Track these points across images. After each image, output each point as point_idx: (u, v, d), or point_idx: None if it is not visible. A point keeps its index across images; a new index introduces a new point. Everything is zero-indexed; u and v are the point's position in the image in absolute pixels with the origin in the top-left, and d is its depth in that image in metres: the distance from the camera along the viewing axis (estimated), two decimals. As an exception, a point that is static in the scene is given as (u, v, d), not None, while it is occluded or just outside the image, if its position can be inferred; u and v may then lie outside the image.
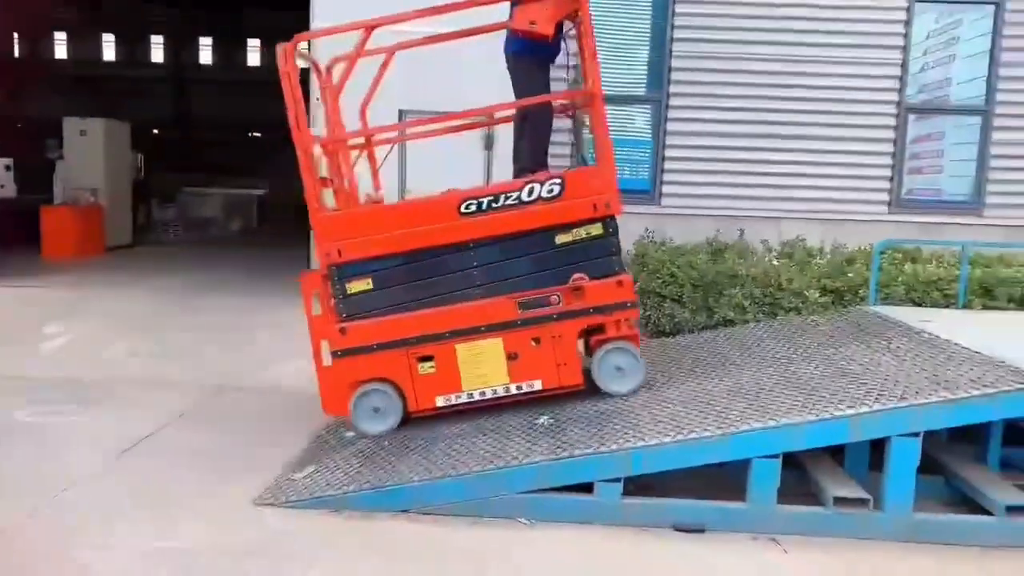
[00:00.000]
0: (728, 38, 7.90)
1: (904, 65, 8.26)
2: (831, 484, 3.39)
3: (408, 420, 4.06)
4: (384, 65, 4.43)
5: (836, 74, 8.08)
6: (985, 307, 5.25)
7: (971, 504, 3.52)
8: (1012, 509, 3.27)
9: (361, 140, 4.95)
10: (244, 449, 4.15)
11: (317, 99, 6.95)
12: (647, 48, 8.20)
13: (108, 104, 20.25)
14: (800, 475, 3.59)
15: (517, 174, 4.44)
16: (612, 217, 3.95)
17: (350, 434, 4.24)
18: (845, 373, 3.74)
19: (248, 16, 28.34)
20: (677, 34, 8.05)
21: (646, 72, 8.36)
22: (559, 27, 4.24)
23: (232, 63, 30.80)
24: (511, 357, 3.94)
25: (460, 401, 4.02)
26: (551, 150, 4.80)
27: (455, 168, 7.95)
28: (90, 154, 12.24)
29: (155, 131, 27.27)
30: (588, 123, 4.52)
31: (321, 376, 4.15)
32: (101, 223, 12.11)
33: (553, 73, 4.81)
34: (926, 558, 3.17)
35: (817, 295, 5.44)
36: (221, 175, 20.38)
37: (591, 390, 4.04)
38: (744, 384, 3.86)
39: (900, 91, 8.32)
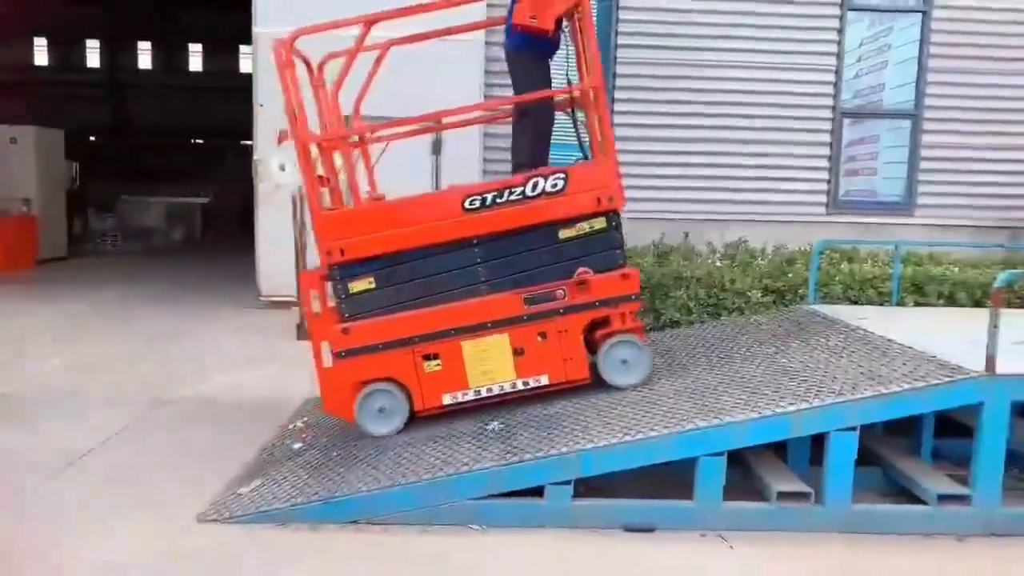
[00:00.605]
0: (671, 44, 8.07)
1: (838, 71, 8.56)
2: (774, 480, 3.47)
3: (414, 419, 4.01)
4: (378, 61, 4.35)
5: (775, 80, 8.33)
6: (917, 304, 5.46)
7: (907, 494, 3.64)
8: (943, 497, 3.40)
9: (357, 138, 4.84)
10: (187, 464, 4.04)
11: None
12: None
13: (41, 111, 19.53)
14: (746, 472, 3.67)
15: (515, 170, 4.41)
16: (615, 211, 3.97)
17: (297, 446, 4.18)
18: (786, 371, 3.84)
19: (189, 19, 27.70)
20: (621, 40, 8.18)
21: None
22: (559, 22, 4.23)
23: (173, 67, 30.06)
24: (517, 353, 3.94)
25: (467, 399, 3.99)
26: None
27: (402, 174, 7.91)
28: (21, 163, 11.81)
29: (92, 138, 26.41)
30: (584, 118, 4.49)
31: (322, 378, 4.08)
32: (33, 234, 11.69)
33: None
34: (864, 548, 3.27)
35: (759, 295, 5.58)
36: (162, 183, 19.83)
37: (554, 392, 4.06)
38: (690, 384, 3.93)
39: (835, 96, 8.61)
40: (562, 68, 4.66)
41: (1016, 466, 4.08)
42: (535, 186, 3.91)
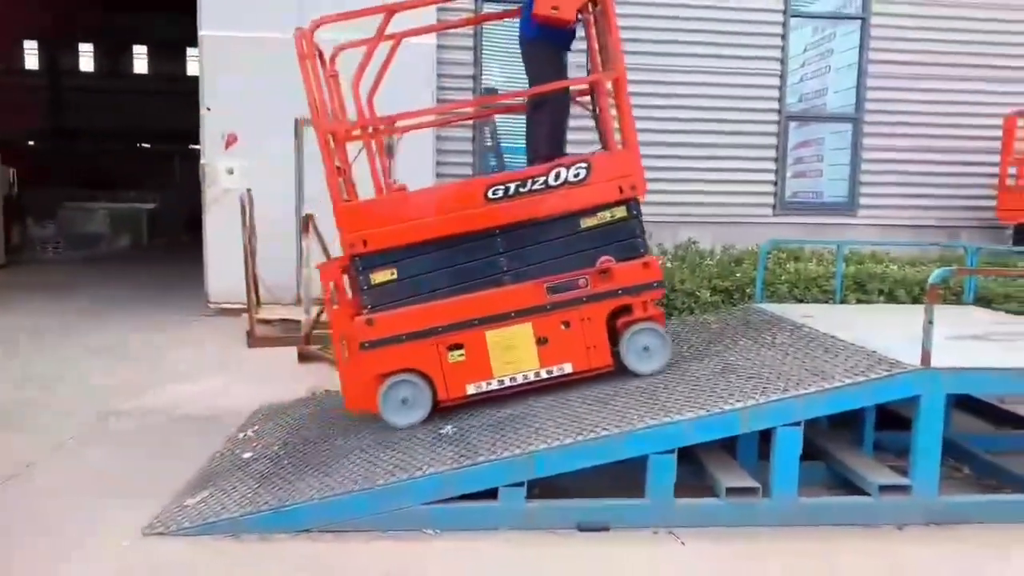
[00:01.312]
0: (640, 50, 8.15)
1: (783, 75, 8.78)
2: (723, 476, 3.53)
3: (437, 409, 3.99)
4: (393, 50, 4.29)
5: (721, 84, 8.51)
6: (859, 301, 5.63)
7: (850, 486, 3.75)
8: (884, 488, 3.50)
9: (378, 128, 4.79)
10: (133, 476, 3.93)
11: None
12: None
13: (-25, 115, 18.80)
14: (698, 469, 3.73)
15: (532, 162, 4.40)
16: (636, 199, 4.00)
17: (247, 455, 4.10)
18: (735, 369, 3.92)
19: (133, 21, 26.96)
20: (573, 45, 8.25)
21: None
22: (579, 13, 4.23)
23: (116, 71, 29.23)
24: (541, 342, 3.95)
25: (491, 388, 3.99)
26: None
27: (356, 177, 7.85)
28: (-47, 170, 11.36)
29: (31, 143, 25.51)
30: (593, 108, 4.52)
31: (343, 370, 4.04)
32: (-32, 243, 11.22)
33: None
34: (810, 540, 3.35)
35: (708, 295, 5.68)
36: (107, 189, 19.26)
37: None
38: (641, 383, 3.97)
39: (780, 100, 8.83)
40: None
41: (952, 456, 4.25)
42: (558, 176, 3.94)
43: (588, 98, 4.61)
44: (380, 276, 3.92)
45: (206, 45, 7.75)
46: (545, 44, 4.41)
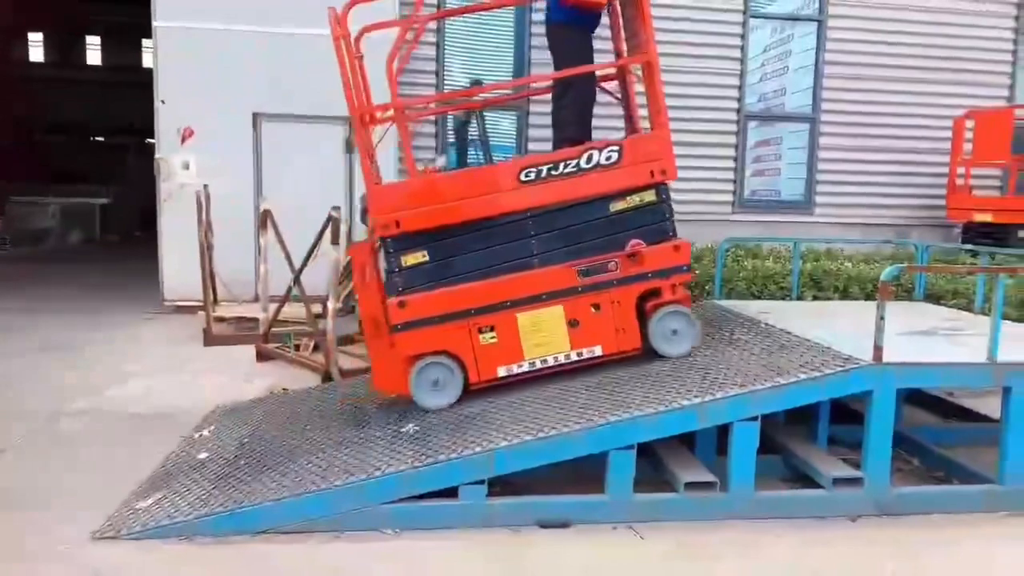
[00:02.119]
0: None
1: (742, 75, 8.90)
2: (682, 471, 3.57)
3: (468, 392, 4.00)
4: (418, 34, 4.19)
5: (683, 83, 8.58)
6: (815, 297, 5.74)
7: (806, 479, 3.82)
8: (838, 481, 3.57)
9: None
10: (83, 478, 3.82)
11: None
12: (510, 60, 8.35)
13: (-83, 105, 18.08)
14: (657, 464, 3.76)
15: (558, 145, 4.39)
16: (665, 184, 4.02)
17: (203, 456, 4.01)
18: (693, 365, 3.96)
19: (86, 10, 26.19)
20: (535, 41, 8.25)
21: (510, 72, 8.52)
22: None
23: (69, 61, 28.36)
24: (572, 324, 3.97)
25: (522, 370, 4.00)
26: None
27: (315, 173, 7.75)
28: None
29: (-23, 135, 24.60)
30: (624, 93, 4.57)
31: (374, 352, 4.04)
32: (-92, 239, 10.78)
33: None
34: (766, 532, 3.40)
35: (669, 292, 5.73)
36: (58, 183, 18.69)
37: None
38: (601, 380, 3.99)
39: (740, 100, 8.95)
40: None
41: (903, 448, 4.35)
42: (590, 158, 3.95)
43: (614, 83, 4.66)
44: (411, 258, 3.92)
45: (160, 36, 7.56)
46: (573, 27, 4.45)
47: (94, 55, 29.02)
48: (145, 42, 25.99)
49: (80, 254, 14.48)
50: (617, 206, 4.00)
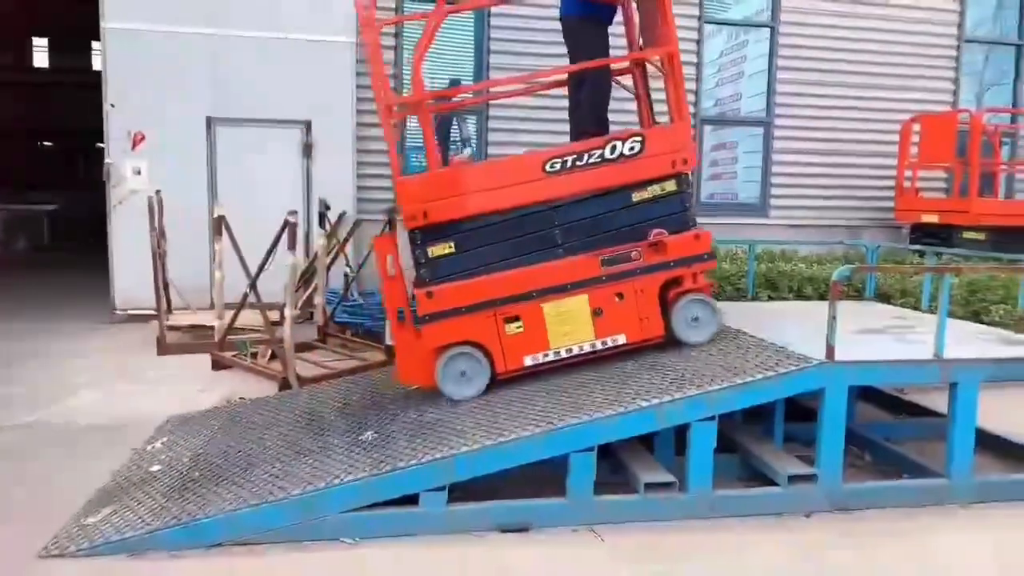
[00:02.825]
0: (540, 51, 8.21)
1: (698, 80, 9.03)
2: (641, 472, 3.59)
3: (494, 382, 4.02)
4: (435, 28, 4.15)
5: (640, 87, 8.66)
6: (770, 298, 5.85)
7: (762, 477, 3.88)
8: (793, 478, 3.64)
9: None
10: (30, 495, 3.69)
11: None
12: (471, 64, 8.35)
13: None
14: (618, 466, 3.78)
15: (576, 137, 4.43)
16: (686, 174, 4.09)
17: (155, 468, 3.91)
18: (652, 366, 3.99)
19: (31, 12, 25.40)
20: (494, 46, 8.27)
21: (471, 75, 8.51)
22: None
23: (14, 64, 27.47)
24: (596, 313, 4.02)
25: (547, 360, 4.04)
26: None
27: (271, 177, 7.64)
28: None
29: (-83, 140, 23.73)
30: (644, 85, 4.64)
31: (400, 345, 4.07)
32: None
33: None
34: (724, 531, 3.45)
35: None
36: (3, 189, 18.08)
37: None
38: (561, 383, 4.00)
39: (696, 104, 9.08)
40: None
41: (856, 444, 4.46)
42: (614, 149, 4.00)
43: (628, 76, 4.71)
44: (438, 249, 3.95)
45: (110, 38, 7.37)
46: (588, 20, 4.51)
47: (41, 57, 28.17)
48: (96, 44, 25.33)
49: (27, 262, 14.03)
50: (640, 196, 4.06)
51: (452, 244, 3.96)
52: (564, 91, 4.92)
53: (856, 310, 5.19)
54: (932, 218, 8.13)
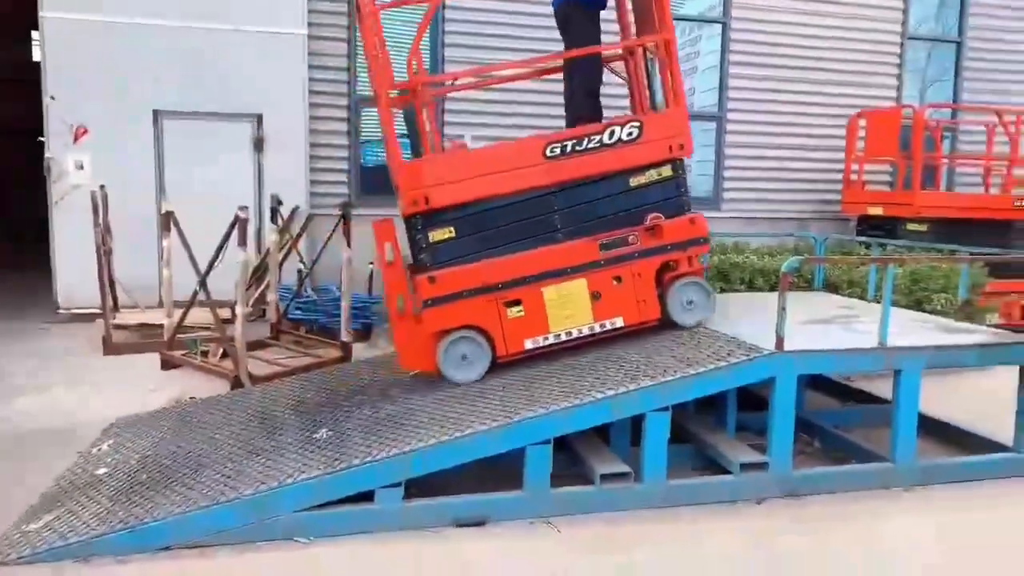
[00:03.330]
0: (498, 46, 8.18)
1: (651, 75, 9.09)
2: (597, 463, 3.63)
3: (495, 365, 4.07)
4: (430, 12, 4.14)
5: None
6: (723, 290, 5.94)
7: (716, 465, 3.95)
8: (745, 466, 3.71)
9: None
10: (-36, 504, 3.55)
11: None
12: (426, 58, 8.26)
13: None
14: (575, 457, 3.81)
15: (572, 123, 4.45)
16: (682, 159, 4.16)
17: (101, 471, 3.80)
18: (608, 357, 4.03)
19: (-34, 0, 24.34)
20: (448, 39, 8.22)
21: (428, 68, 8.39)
22: None
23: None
24: (595, 297, 4.08)
25: (547, 343, 4.09)
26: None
27: (221, 172, 7.47)
28: None
29: None
30: (645, 70, 4.68)
31: (399, 330, 4.09)
32: None
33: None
34: (678, 519, 3.50)
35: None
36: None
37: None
38: (520, 375, 4.01)
39: (652, 98, 9.12)
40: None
41: (805, 431, 4.57)
42: (612, 134, 4.06)
43: (620, 63, 4.75)
44: (439, 234, 3.96)
45: (49, 28, 7.10)
46: (584, 6, 4.53)
47: (-23, 47, 27.01)
48: (35, 35, 24.38)
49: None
50: (637, 180, 4.14)
51: (453, 229, 3.99)
52: (522, 84, 4.94)
53: (805, 300, 5.31)
54: (877, 210, 8.35)
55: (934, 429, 4.60)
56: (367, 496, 3.31)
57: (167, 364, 5.81)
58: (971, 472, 4.04)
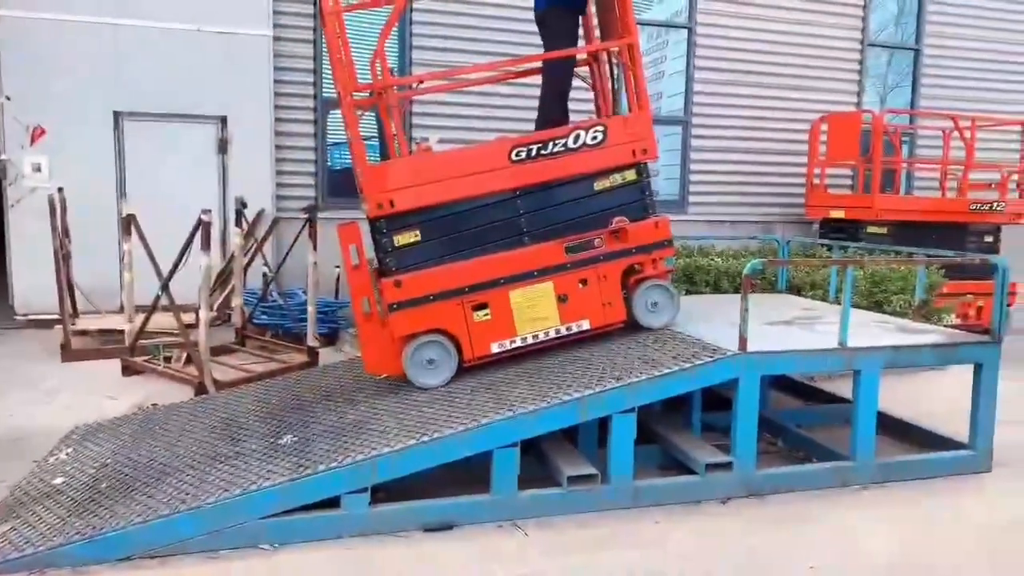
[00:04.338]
0: (466, 48, 8.19)
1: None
2: (565, 465, 3.64)
3: (463, 370, 4.07)
4: (397, 13, 4.13)
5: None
6: (688, 292, 6.01)
7: (682, 466, 3.99)
8: (711, 466, 3.76)
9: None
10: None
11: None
12: (394, 61, 8.22)
13: None
14: (542, 459, 3.82)
15: (540, 126, 4.46)
16: (646, 163, 4.19)
17: (58, 480, 3.71)
18: (575, 360, 4.04)
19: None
20: (415, 42, 8.20)
21: (395, 71, 8.36)
22: None
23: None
24: (561, 299, 4.10)
25: (515, 346, 4.10)
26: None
27: (184, 175, 7.35)
28: None
29: None
30: (592, 74, 4.72)
31: (364, 335, 4.08)
32: None
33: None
34: (645, 520, 3.53)
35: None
36: None
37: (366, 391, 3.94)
38: (486, 379, 4.01)
39: (617, 103, 9.19)
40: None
41: (769, 431, 4.64)
42: (577, 138, 4.08)
43: (585, 68, 4.77)
44: (404, 238, 3.96)
45: (3, 26, 6.93)
46: (563, 10, 4.55)
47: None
48: None
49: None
50: (602, 184, 4.17)
51: (418, 232, 3.99)
52: (490, 86, 4.95)
53: (768, 302, 5.39)
54: (839, 213, 8.52)
55: (893, 427, 4.71)
56: (333, 502, 3.28)
57: (128, 370, 5.70)
58: (928, 469, 4.14)
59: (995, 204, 8.29)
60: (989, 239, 8.37)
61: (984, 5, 10.45)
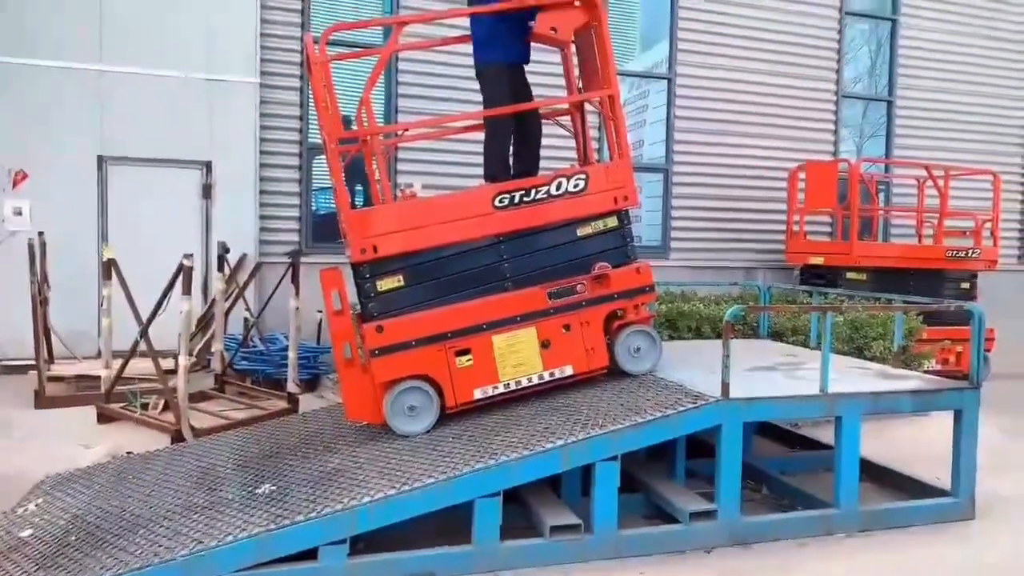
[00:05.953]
0: (448, 96, 8.31)
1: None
2: (547, 514, 3.59)
3: (445, 416, 4.04)
4: (382, 64, 4.17)
5: (547, 134, 8.88)
6: (671, 337, 6.03)
7: (666, 514, 3.95)
8: (695, 515, 3.72)
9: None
10: None
11: None
12: (381, 109, 8.33)
13: None
14: (525, 509, 3.76)
15: (517, 176, 4.53)
16: (627, 210, 4.26)
17: (27, 533, 3.60)
18: (556, 408, 4.03)
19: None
20: (401, 90, 8.33)
21: (382, 118, 8.43)
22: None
23: None
24: (544, 345, 4.10)
25: (497, 392, 4.08)
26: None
27: (167, 220, 7.34)
28: None
29: None
30: (573, 123, 4.81)
31: (346, 380, 4.03)
32: None
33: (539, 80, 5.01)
34: (628, 571, 3.48)
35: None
36: None
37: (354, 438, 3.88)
38: (468, 427, 3.97)
39: (600, 151, 9.35)
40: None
41: (753, 478, 4.61)
42: (559, 186, 4.14)
43: (567, 117, 4.86)
44: (387, 283, 3.97)
45: (-10, 72, 6.96)
46: (501, 65, 4.58)
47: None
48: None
49: None
50: (584, 231, 4.23)
51: (401, 277, 4.01)
52: (475, 134, 4.99)
53: (750, 348, 5.42)
54: (819, 260, 8.63)
55: (877, 474, 4.70)
56: (311, 554, 3.20)
57: (104, 417, 5.59)
58: (912, 517, 4.12)
59: (970, 251, 8.45)
60: (966, 285, 8.49)
61: (951, 60, 10.82)
